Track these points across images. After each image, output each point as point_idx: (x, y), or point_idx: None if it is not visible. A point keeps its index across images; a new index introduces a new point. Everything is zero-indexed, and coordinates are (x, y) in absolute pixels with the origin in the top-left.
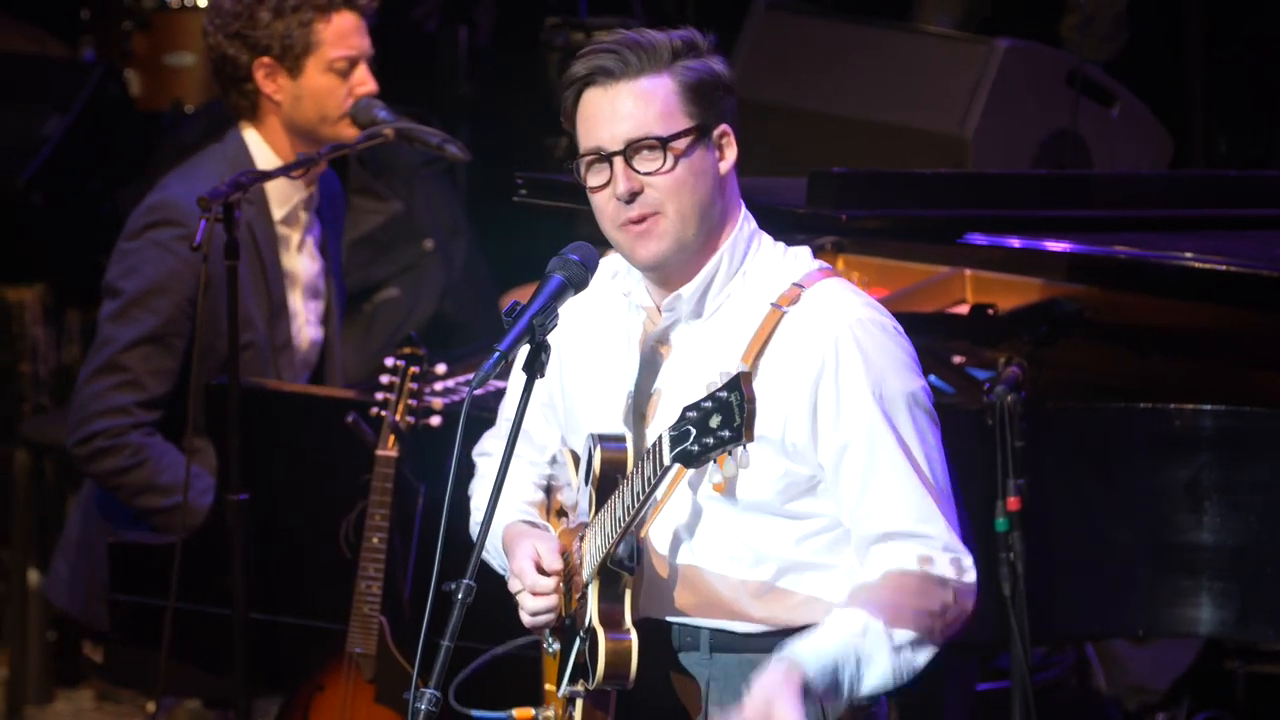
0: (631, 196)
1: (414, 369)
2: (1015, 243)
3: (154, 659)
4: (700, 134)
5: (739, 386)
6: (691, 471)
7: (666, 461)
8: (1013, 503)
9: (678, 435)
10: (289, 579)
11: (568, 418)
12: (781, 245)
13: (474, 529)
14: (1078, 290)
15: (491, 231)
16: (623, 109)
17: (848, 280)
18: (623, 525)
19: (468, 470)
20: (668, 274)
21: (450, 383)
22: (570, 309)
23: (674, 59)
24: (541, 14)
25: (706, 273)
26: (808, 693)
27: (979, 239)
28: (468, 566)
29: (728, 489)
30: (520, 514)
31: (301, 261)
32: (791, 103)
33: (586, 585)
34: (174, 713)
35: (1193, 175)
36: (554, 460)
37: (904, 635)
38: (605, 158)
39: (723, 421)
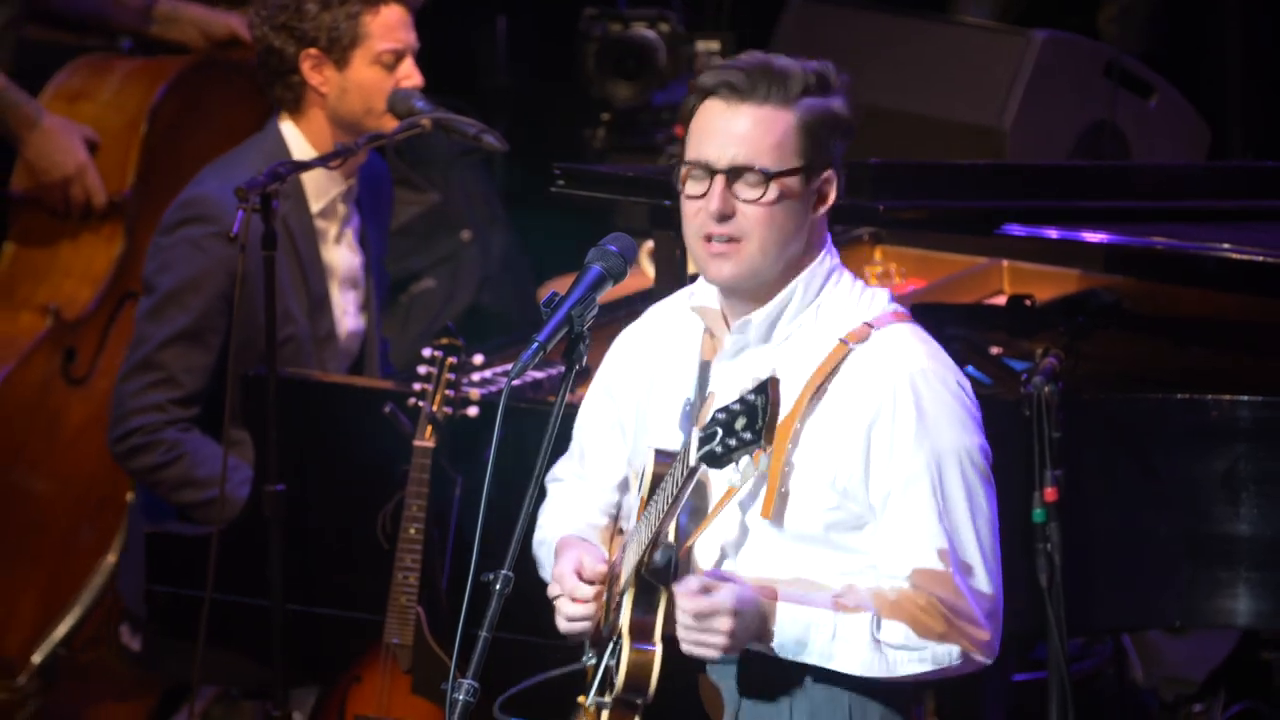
0: (722, 217)
1: (451, 359)
2: (1053, 234)
3: (191, 649)
4: (805, 175)
5: (765, 390)
6: (742, 493)
7: (693, 462)
8: (1050, 493)
9: (705, 436)
10: (326, 570)
11: (637, 436)
12: (860, 284)
13: (535, 547)
14: (1115, 281)
15: (529, 222)
16: (738, 131)
17: (918, 328)
18: (655, 530)
19: (505, 460)
20: (741, 294)
21: (488, 373)
22: (651, 327)
23: (802, 94)
24: (580, 4)
25: (780, 301)
26: (762, 633)
27: (1016, 230)
28: (505, 557)
29: (775, 515)
30: (580, 533)
31: (340, 253)
32: None
33: (622, 595)
34: (211, 703)
35: (1231, 166)
36: (623, 486)
37: (892, 634)
38: (709, 172)
39: (746, 424)
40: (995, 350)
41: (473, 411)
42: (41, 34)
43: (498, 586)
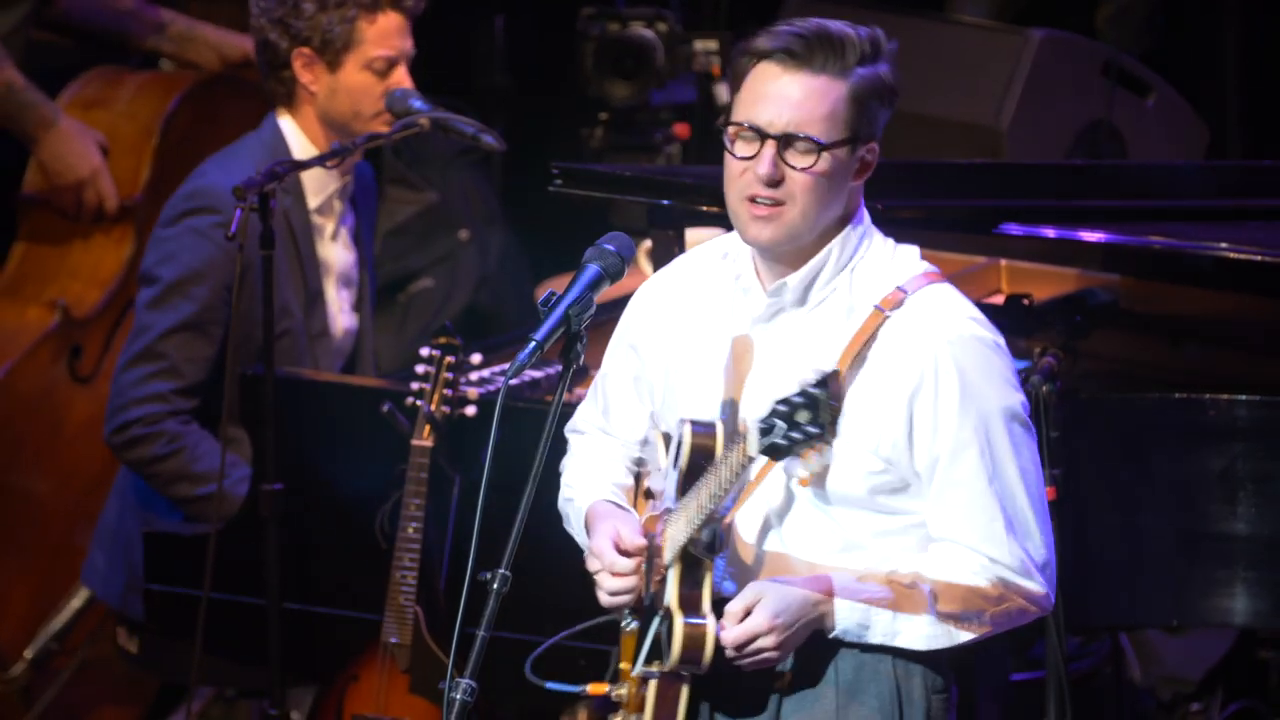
0: (771, 182)
1: (449, 359)
2: (1050, 233)
3: (189, 649)
4: (853, 146)
5: (828, 384)
6: (782, 462)
7: (753, 452)
8: (1048, 492)
9: (766, 427)
10: (324, 569)
11: (666, 396)
12: (891, 242)
13: (562, 504)
14: (1113, 280)
15: (527, 221)
16: (794, 97)
17: (949, 287)
18: (707, 512)
19: (503, 459)
20: (778, 255)
21: (485, 373)
22: (681, 285)
23: (857, 63)
24: (577, 4)
25: (815, 263)
26: (820, 628)
27: (1014, 229)
28: (503, 556)
29: (815, 482)
30: (608, 495)
31: (336, 250)
32: None
33: (667, 568)
34: (209, 703)
35: (1228, 165)
36: (645, 442)
37: (950, 605)
38: (760, 136)
39: (811, 418)
40: None
41: (471, 411)
42: (52, 37)
43: (495, 586)
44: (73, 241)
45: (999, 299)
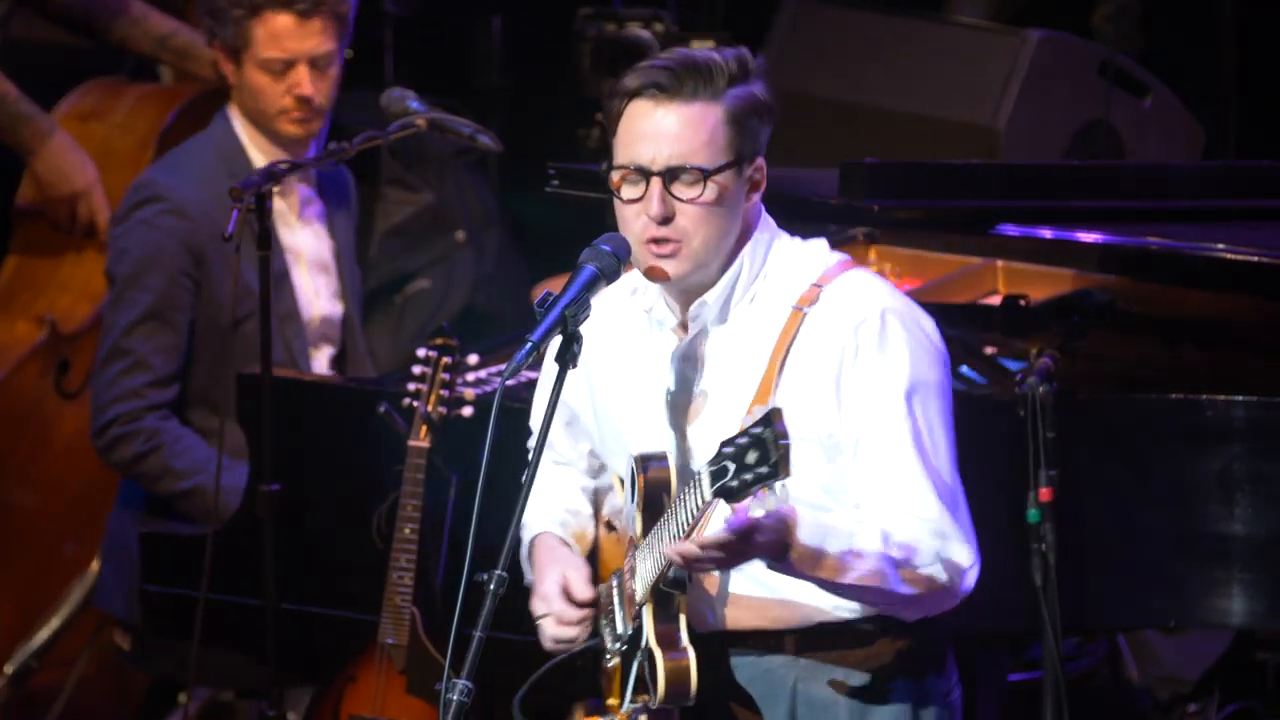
0: (664, 219)
1: (446, 359)
2: (1047, 233)
3: (183, 648)
4: (738, 167)
5: (772, 422)
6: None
7: (708, 497)
8: (1044, 493)
9: (717, 470)
10: (321, 570)
11: (604, 439)
12: (798, 240)
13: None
14: (1110, 281)
15: (524, 222)
16: (670, 130)
17: (865, 268)
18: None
19: (501, 461)
20: (686, 287)
21: (482, 373)
22: (592, 329)
23: (727, 85)
24: (574, 4)
25: (728, 279)
26: (789, 547)
27: (1011, 230)
28: (499, 557)
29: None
30: (558, 524)
31: (303, 236)
32: (824, 94)
33: (641, 606)
34: (205, 704)
35: (1225, 166)
36: (601, 469)
37: (900, 550)
38: (645, 175)
39: (759, 458)
40: (990, 350)
41: (467, 412)
42: (47, 33)
43: (492, 587)
44: (65, 255)
45: (996, 299)
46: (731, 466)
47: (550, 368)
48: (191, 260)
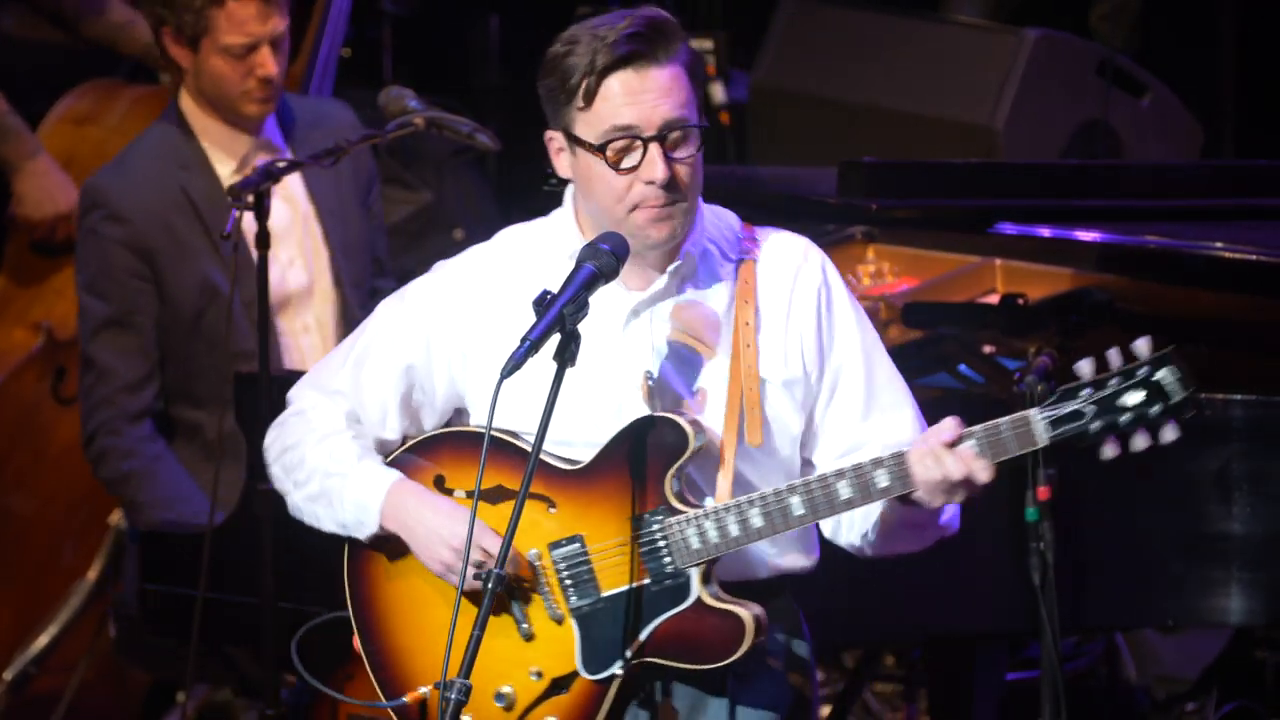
0: (667, 182)
1: None
2: (1045, 232)
3: (184, 648)
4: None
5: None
6: (735, 428)
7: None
8: (1043, 492)
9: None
10: (318, 568)
11: (522, 402)
12: (706, 207)
13: (311, 487)
14: (1108, 280)
15: (522, 221)
16: (654, 93)
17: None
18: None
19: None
20: (663, 251)
21: None
22: (505, 284)
23: (681, 42)
24: (572, 3)
25: (696, 238)
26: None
27: (1009, 229)
28: (498, 557)
29: (766, 436)
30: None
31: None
32: (822, 93)
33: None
34: (204, 702)
35: (1223, 165)
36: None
37: None
38: (642, 141)
39: (1150, 398)
40: (988, 349)
41: None
42: (47, 34)
43: (490, 586)
44: (61, 261)
45: (994, 298)
46: (1125, 414)
47: (397, 352)
48: (140, 261)
